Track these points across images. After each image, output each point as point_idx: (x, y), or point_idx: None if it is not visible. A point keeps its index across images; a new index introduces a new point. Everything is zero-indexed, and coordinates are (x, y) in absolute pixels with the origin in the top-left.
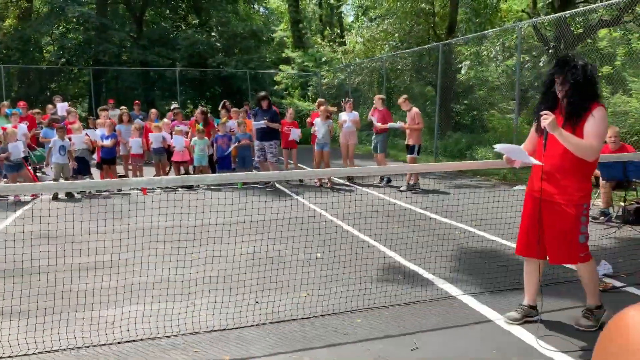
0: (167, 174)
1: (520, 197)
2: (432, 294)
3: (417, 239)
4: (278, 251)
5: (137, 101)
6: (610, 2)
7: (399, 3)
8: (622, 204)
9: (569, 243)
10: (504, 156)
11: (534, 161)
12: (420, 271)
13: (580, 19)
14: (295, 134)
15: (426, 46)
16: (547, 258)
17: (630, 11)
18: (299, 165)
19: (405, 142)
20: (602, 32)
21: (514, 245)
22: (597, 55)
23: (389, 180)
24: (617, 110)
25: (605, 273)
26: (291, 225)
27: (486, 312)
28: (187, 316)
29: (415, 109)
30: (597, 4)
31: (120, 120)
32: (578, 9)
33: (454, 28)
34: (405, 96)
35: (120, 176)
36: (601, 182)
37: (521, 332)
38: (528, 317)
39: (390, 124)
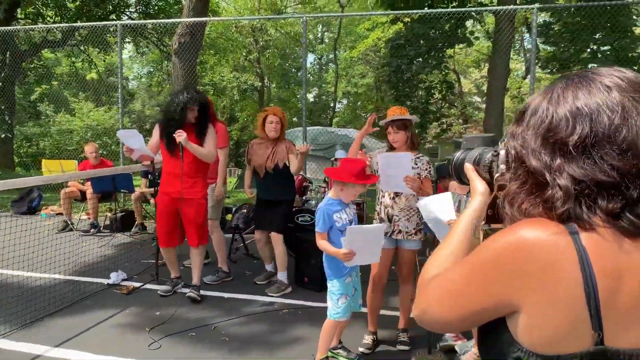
0: None
1: (8, 222)
2: None
3: None
4: None
5: None
6: (55, 25)
7: None
8: (108, 214)
9: (201, 227)
10: (124, 146)
11: (150, 152)
12: None
13: (24, 36)
14: None
15: None
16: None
17: (72, 36)
18: None
19: None
20: (46, 52)
21: (18, 273)
22: (36, 73)
23: None
24: (63, 128)
25: (123, 279)
26: None
27: (27, 349)
28: None
29: None
30: (38, 26)
31: None
32: (21, 27)
33: None
34: None
35: None
36: (89, 195)
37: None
38: (176, 287)
39: None
